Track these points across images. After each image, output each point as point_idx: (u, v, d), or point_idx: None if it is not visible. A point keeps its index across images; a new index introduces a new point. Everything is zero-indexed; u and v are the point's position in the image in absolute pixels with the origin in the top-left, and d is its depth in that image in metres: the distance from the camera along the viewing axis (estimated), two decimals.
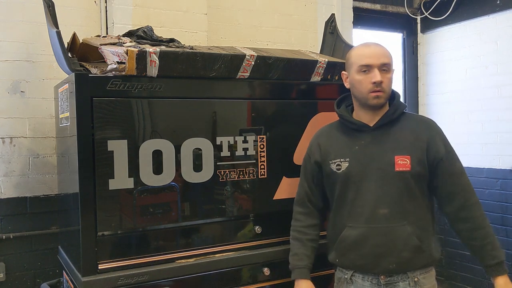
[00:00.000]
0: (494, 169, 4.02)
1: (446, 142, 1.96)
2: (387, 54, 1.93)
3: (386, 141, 1.93)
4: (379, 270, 1.89)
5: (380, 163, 1.90)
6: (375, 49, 1.93)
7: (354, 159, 1.94)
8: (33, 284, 2.85)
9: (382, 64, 1.89)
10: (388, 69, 1.92)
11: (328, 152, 2.01)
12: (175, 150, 2.07)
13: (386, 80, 1.90)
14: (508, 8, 3.89)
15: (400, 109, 1.97)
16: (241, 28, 3.51)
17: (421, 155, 1.89)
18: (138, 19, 2.96)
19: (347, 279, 1.96)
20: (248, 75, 2.23)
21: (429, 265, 1.93)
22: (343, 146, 1.98)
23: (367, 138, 1.95)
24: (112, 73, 1.96)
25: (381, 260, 1.87)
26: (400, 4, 4.47)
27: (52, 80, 2.83)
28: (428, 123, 1.99)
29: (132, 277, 1.96)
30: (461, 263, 4.27)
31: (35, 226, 2.84)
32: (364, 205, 1.90)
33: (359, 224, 1.90)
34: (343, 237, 1.94)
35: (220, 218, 2.22)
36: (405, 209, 1.88)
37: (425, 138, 1.92)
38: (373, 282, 1.91)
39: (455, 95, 4.37)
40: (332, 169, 1.98)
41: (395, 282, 1.89)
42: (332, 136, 2.05)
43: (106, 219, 1.96)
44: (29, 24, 2.84)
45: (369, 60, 1.89)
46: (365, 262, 1.90)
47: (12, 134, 2.82)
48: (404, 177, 1.87)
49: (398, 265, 1.87)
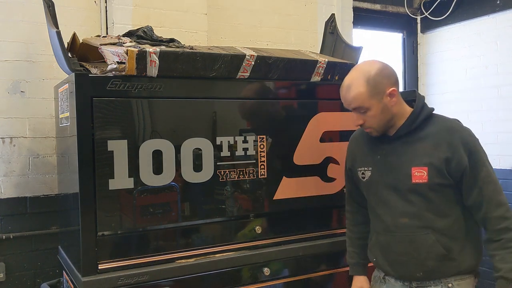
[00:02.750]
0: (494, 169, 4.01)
1: (471, 148, 1.82)
2: (357, 97, 1.82)
3: (405, 151, 1.89)
4: (408, 277, 1.90)
5: (397, 174, 1.89)
6: (344, 96, 1.88)
7: (376, 169, 1.95)
8: (33, 284, 2.84)
9: (354, 108, 1.87)
10: (365, 110, 1.84)
11: (356, 159, 2.05)
12: (175, 150, 2.07)
13: (367, 119, 1.86)
14: (508, 8, 3.88)
15: (422, 116, 1.88)
16: (241, 28, 3.51)
17: (440, 165, 1.81)
18: (138, 19, 2.96)
19: (381, 278, 2.00)
20: (248, 75, 2.22)
21: (464, 273, 1.87)
22: (367, 154, 2.00)
23: (387, 147, 1.94)
24: (112, 73, 1.96)
25: (407, 268, 1.88)
26: (400, 4, 4.46)
27: (52, 80, 2.83)
28: (451, 128, 1.86)
29: (132, 277, 1.96)
30: None
31: (35, 226, 2.84)
32: (386, 214, 1.92)
33: (384, 231, 1.94)
34: (373, 242, 2.01)
35: (220, 218, 2.22)
36: (426, 219, 1.85)
37: (445, 145, 1.82)
38: (405, 283, 1.92)
39: (455, 95, 4.36)
40: (359, 176, 2.02)
41: (427, 286, 1.88)
42: (360, 143, 2.07)
43: (106, 219, 1.96)
44: (29, 24, 2.84)
45: (345, 104, 1.91)
46: (393, 269, 1.93)
47: (12, 134, 2.82)
48: (422, 188, 1.84)
49: (425, 273, 1.85)
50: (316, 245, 2.27)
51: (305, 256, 2.33)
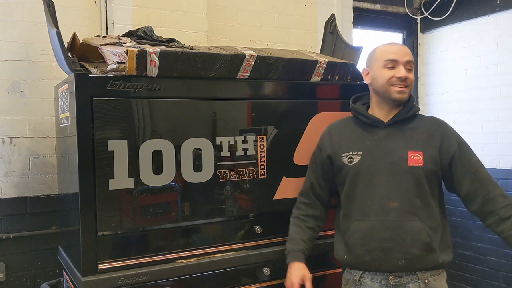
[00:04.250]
0: (494, 169, 4.02)
1: (460, 139, 1.98)
2: (411, 54, 2.00)
3: (400, 137, 1.95)
4: (387, 267, 1.87)
5: (393, 157, 1.92)
6: (401, 47, 2.00)
7: (367, 153, 1.96)
8: (33, 284, 2.84)
9: (407, 61, 1.94)
10: (412, 68, 1.97)
11: (340, 145, 2.03)
12: (175, 150, 2.07)
13: (410, 77, 1.95)
14: (508, 8, 3.89)
15: (414, 109, 2.00)
16: (241, 28, 3.51)
17: (434, 153, 1.91)
18: (138, 19, 2.96)
19: (356, 281, 1.95)
20: (248, 75, 2.23)
21: (439, 267, 1.91)
22: (356, 140, 2.01)
23: (381, 133, 1.97)
24: (112, 73, 1.96)
25: (389, 255, 1.86)
26: (400, 4, 4.47)
27: (52, 80, 2.83)
28: (441, 122, 2.03)
29: (132, 277, 1.96)
30: (461, 263, 4.27)
31: (35, 226, 2.84)
32: (374, 198, 1.91)
33: (368, 217, 1.90)
34: (352, 232, 1.94)
35: (220, 218, 2.22)
36: (415, 205, 1.87)
37: (437, 136, 1.94)
38: (382, 283, 1.89)
39: (455, 95, 4.37)
40: (343, 162, 2.00)
41: (405, 283, 1.87)
42: (345, 130, 2.07)
43: (106, 219, 1.96)
44: (29, 24, 2.84)
45: (396, 56, 1.94)
46: (372, 258, 1.89)
47: (12, 134, 2.82)
48: (416, 172, 1.88)
49: (407, 262, 1.85)
50: (316, 245, 2.26)
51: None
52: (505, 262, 3.92)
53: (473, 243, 4.18)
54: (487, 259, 4.07)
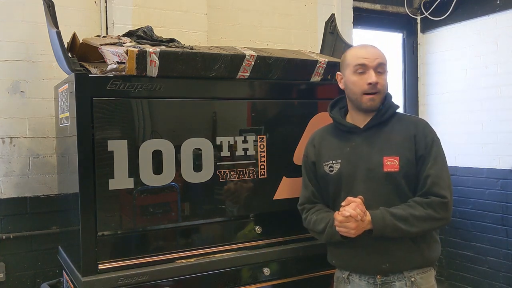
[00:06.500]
0: (494, 169, 4.02)
1: (429, 142, 1.89)
2: (382, 55, 1.94)
3: (376, 142, 1.93)
4: (373, 270, 1.90)
5: (369, 163, 1.90)
6: (371, 50, 1.94)
7: (345, 161, 1.95)
8: (33, 284, 2.84)
9: (378, 64, 1.90)
10: (383, 70, 1.92)
11: (321, 154, 2.03)
12: (175, 150, 2.07)
13: (381, 81, 1.90)
14: (508, 8, 3.88)
15: (391, 110, 1.97)
16: (241, 28, 3.51)
17: (410, 155, 1.88)
18: (138, 19, 2.96)
19: (345, 279, 1.98)
20: (248, 75, 2.23)
21: (426, 265, 1.92)
22: (335, 148, 2.00)
23: (357, 139, 1.96)
24: (112, 73, 1.96)
25: (373, 259, 1.88)
26: (400, 4, 4.46)
27: (52, 80, 2.83)
28: (416, 122, 1.97)
29: (132, 277, 1.96)
30: (461, 263, 4.27)
31: (35, 226, 2.84)
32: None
33: None
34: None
35: (220, 218, 2.22)
36: None
37: (412, 137, 1.90)
38: (370, 281, 1.91)
39: (455, 95, 4.36)
40: (325, 171, 2.00)
41: (391, 281, 1.89)
42: (325, 139, 2.06)
43: (106, 219, 1.96)
44: (29, 24, 2.84)
45: (365, 60, 1.90)
46: (358, 262, 1.91)
47: (12, 134, 2.82)
48: (393, 177, 1.87)
49: (392, 265, 1.87)
50: (316, 245, 2.26)
51: (305, 256, 2.32)
52: (506, 262, 3.92)
53: (473, 243, 4.17)
54: (487, 259, 4.07)
